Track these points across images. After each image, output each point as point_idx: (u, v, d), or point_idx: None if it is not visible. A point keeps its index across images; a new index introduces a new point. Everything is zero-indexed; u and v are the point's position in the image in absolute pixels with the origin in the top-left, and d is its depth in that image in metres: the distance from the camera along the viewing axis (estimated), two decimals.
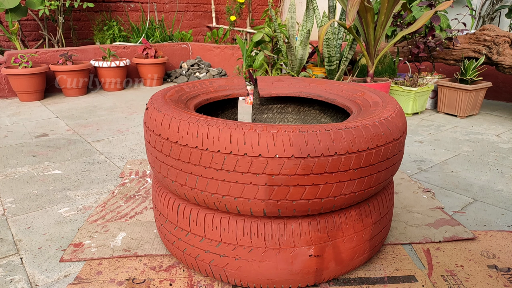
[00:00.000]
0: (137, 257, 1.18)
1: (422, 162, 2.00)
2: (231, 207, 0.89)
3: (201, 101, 1.26)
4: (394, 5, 2.41)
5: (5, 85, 3.50)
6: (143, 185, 1.68)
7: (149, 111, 1.01)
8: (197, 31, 5.52)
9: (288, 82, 1.52)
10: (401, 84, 2.97)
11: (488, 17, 3.65)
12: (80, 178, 1.78)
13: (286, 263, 0.94)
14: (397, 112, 1.02)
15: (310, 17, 3.20)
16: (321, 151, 0.82)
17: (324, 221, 0.94)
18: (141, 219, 1.40)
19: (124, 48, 4.18)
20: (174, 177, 0.93)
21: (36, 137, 2.39)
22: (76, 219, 1.42)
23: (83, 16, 4.58)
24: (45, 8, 3.65)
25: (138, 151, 2.14)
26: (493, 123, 2.76)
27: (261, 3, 5.90)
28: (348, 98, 1.29)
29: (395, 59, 3.23)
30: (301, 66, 3.29)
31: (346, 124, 0.88)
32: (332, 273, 1.01)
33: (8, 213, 1.47)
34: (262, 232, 0.92)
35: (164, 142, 0.92)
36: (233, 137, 0.83)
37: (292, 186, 0.84)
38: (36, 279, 1.09)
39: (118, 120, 2.79)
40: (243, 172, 0.83)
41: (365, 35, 2.59)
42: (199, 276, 1.08)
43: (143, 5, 4.97)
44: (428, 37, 2.97)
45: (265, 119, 1.64)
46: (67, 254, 1.19)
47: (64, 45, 4.17)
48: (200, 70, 4.42)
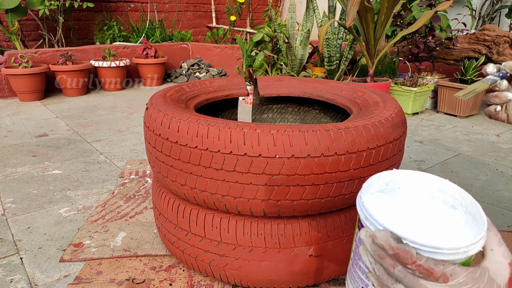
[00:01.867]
0: (137, 257, 1.18)
1: (422, 162, 2.00)
2: (231, 207, 0.89)
3: (201, 101, 1.26)
4: (394, 5, 2.41)
5: (5, 85, 3.50)
6: (143, 185, 1.68)
7: (149, 111, 1.01)
8: (197, 31, 5.52)
9: (288, 82, 1.52)
10: (401, 84, 2.97)
11: (488, 17, 3.65)
12: (80, 178, 1.78)
13: (286, 263, 0.94)
14: (397, 112, 1.02)
15: (310, 17, 3.20)
16: (321, 151, 0.82)
17: (324, 221, 0.94)
18: (141, 219, 1.40)
19: (124, 48, 4.18)
20: (174, 177, 0.93)
21: (36, 137, 2.39)
22: (76, 219, 1.42)
23: (83, 16, 4.58)
24: (45, 8, 3.65)
25: (138, 151, 2.14)
26: (493, 123, 2.76)
27: (261, 3, 5.90)
28: (348, 98, 1.29)
29: (395, 59, 3.23)
30: (301, 66, 3.29)
31: (346, 124, 0.88)
32: (332, 273, 1.01)
33: (8, 213, 1.46)
34: (262, 232, 0.92)
35: (164, 142, 0.92)
36: (233, 137, 0.83)
37: (292, 186, 0.84)
38: (36, 279, 1.09)
39: (118, 120, 2.79)
40: (243, 172, 0.83)
41: (365, 35, 2.59)
42: (199, 276, 1.08)
43: (143, 5, 4.97)
44: (428, 37, 2.97)
45: (265, 119, 1.64)
46: (67, 254, 1.19)
47: (64, 45, 4.17)
48: (200, 70, 4.42)
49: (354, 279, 0.55)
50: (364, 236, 0.46)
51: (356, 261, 0.53)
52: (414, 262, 0.42)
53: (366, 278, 0.51)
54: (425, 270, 0.42)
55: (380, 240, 0.44)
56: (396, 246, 0.43)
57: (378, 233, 0.44)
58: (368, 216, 0.48)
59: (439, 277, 0.42)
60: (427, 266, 0.42)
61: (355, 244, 0.53)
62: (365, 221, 0.48)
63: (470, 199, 0.52)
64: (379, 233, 0.44)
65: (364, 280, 0.52)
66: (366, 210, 0.48)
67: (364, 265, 0.51)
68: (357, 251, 0.52)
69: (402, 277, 0.43)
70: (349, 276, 0.57)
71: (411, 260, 0.42)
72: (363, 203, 0.49)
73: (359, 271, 0.52)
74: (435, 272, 0.42)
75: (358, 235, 0.52)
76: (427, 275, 0.42)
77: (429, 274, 0.42)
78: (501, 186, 1.71)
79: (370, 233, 0.46)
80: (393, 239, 0.43)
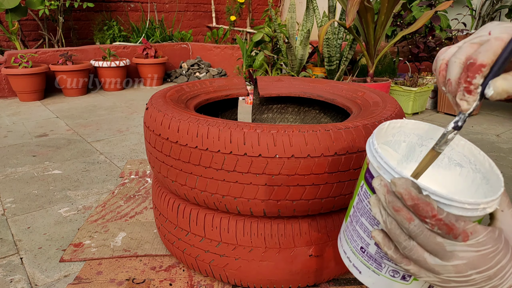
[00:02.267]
0: (137, 257, 1.18)
1: None
2: (231, 207, 0.89)
3: (201, 101, 1.26)
4: (394, 5, 2.41)
5: (5, 85, 3.50)
6: (143, 185, 1.68)
7: (149, 111, 1.01)
8: (197, 31, 5.52)
9: (288, 82, 1.52)
10: (401, 84, 2.97)
11: (488, 17, 3.65)
12: (80, 178, 1.78)
13: (286, 263, 0.94)
14: (397, 112, 1.02)
15: (310, 17, 3.20)
16: (321, 151, 0.82)
17: (324, 221, 0.94)
18: (141, 219, 1.40)
19: (124, 48, 4.18)
20: (174, 177, 0.93)
21: (36, 137, 2.39)
22: (76, 219, 1.42)
23: (83, 16, 4.58)
24: (45, 8, 3.65)
25: (138, 151, 2.14)
26: (493, 123, 2.76)
27: (261, 3, 5.90)
28: (348, 98, 1.29)
29: (395, 59, 3.23)
30: (301, 66, 3.29)
31: (346, 124, 0.88)
32: (332, 273, 1.01)
33: (8, 213, 1.46)
34: (262, 232, 0.92)
35: (164, 142, 0.92)
36: (233, 137, 0.83)
37: (292, 186, 0.84)
38: (36, 279, 1.09)
39: (118, 120, 2.79)
40: (243, 172, 0.83)
41: (365, 35, 2.59)
42: (199, 276, 1.08)
43: (143, 5, 4.97)
44: (428, 37, 2.97)
45: (265, 119, 1.64)
46: (67, 254, 1.19)
47: (64, 45, 4.17)
48: (200, 70, 4.42)
49: (351, 239, 0.50)
50: (378, 185, 0.42)
51: (357, 218, 0.48)
52: (434, 215, 0.38)
53: (368, 236, 0.47)
54: (445, 225, 0.38)
55: (400, 188, 0.39)
56: (417, 196, 0.39)
57: (398, 180, 0.40)
58: (383, 163, 0.43)
59: (459, 234, 0.38)
60: (448, 221, 0.38)
61: (358, 198, 0.49)
62: (379, 170, 0.43)
63: (482, 155, 0.48)
64: (399, 181, 0.40)
65: (365, 239, 0.47)
66: (381, 156, 0.43)
67: (368, 221, 0.46)
68: (360, 205, 0.48)
69: (418, 233, 0.39)
70: (345, 235, 0.52)
71: (431, 213, 0.38)
72: (377, 150, 0.44)
73: (360, 229, 0.48)
74: (455, 228, 0.38)
75: (364, 187, 0.47)
76: (447, 231, 0.38)
77: (448, 231, 0.38)
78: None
79: (385, 182, 0.42)
80: (414, 188, 0.39)
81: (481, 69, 0.40)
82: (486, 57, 0.40)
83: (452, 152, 0.51)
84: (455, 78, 0.43)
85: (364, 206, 0.47)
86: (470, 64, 0.41)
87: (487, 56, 0.40)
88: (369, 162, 0.46)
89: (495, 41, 0.40)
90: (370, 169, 0.46)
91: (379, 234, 0.43)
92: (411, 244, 0.40)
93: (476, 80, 0.41)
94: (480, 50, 0.41)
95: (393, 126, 0.52)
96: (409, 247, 0.41)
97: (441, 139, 0.45)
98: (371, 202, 0.43)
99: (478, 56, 0.41)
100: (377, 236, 0.43)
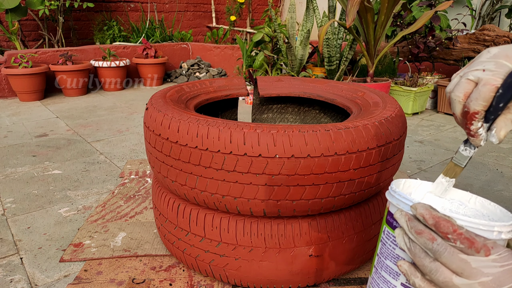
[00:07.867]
0: (137, 257, 1.18)
1: (422, 162, 2.00)
2: (231, 207, 0.89)
3: (201, 101, 1.26)
4: (394, 5, 2.41)
5: (5, 85, 3.50)
6: (143, 185, 1.68)
7: (149, 111, 1.01)
8: (197, 31, 5.52)
9: (288, 82, 1.52)
10: (401, 84, 2.97)
11: (488, 17, 3.65)
12: (80, 178, 1.78)
13: (286, 263, 0.94)
14: (397, 112, 1.02)
15: (310, 17, 3.20)
16: (321, 151, 0.82)
17: (324, 221, 0.94)
18: (141, 219, 1.40)
19: (124, 48, 4.18)
20: (174, 177, 0.93)
21: (36, 137, 2.39)
22: (76, 219, 1.42)
23: (83, 16, 4.58)
24: (45, 8, 3.65)
25: (138, 151, 2.14)
26: None
27: (261, 3, 5.90)
28: (348, 98, 1.29)
29: (395, 59, 3.23)
30: (301, 66, 3.29)
31: (346, 124, 0.88)
32: (332, 273, 1.01)
33: (8, 213, 1.46)
34: (262, 232, 0.92)
35: (164, 142, 0.92)
36: (233, 137, 0.83)
37: (292, 186, 0.84)
38: (36, 279, 1.09)
39: (118, 120, 2.79)
40: (243, 172, 0.83)
41: (365, 35, 2.59)
42: (199, 276, 1.08)
43: (143, 5, 4.97)
44: (428, 37, 2.97)
45: (265, 119, 1.64)
46: (67, 254, 1.19)
47: (64, 45, 4.17)
48: (200, 70, 4.42)
49: (377, 287, 0.52)
50: (399, 215, 0.45)
51: (381, 263, 0.51)
52: (455, 230, 0.40)
53: (394, 278, 0.49)
54: (466, 239, 0.40)
55: (420, 209, 0.43)
56: (437, 214, 0.42)
57: (418, 204, 0.44)
58: (402, 198, 0.47)
59: (480, 248, 0.40)
60: (468, 236, 0.40)
61: (381, 243, 0.52)
62: (398, 206, 0.48)
63: (492, 205, 0.53)
64: (418, 205, 0.44)
65: (390, 282, 0.49)
66: (399, 193, 0.48)
67: (392, 262, 0.49)
68: (384, 249, 0.51)
69: (442, 251, 0.41)
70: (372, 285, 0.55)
71: (452, 228, 0.41)
72: (395, 190, 0.49)
73: (385, 273, 0.50)
74: (476, 242, 0.40)
75: (386, 230, 0.50)
76: (468, 245, 0.40)
77: (470, 244, 0.40)
78: (501, 186, 1.71)
79: (405, 212, 0.45)
80: (433, 209, 0.43)
81: (475, 116, 0.46)
82: (476, 105, 0.46)
83: (466, 209, 0.54)
84: (458, 115, 0.49)
85: (387, 247, 0.50)
86: (465, 112, 0.47)
87: (478, 104, 0.46)
88: (389, 205, 0.50)
89: (483, 87, 0.45)
90: (390, 210, 0.50)
91: (405, 263, 0.46)
92: (436, 265, 0.42)
93: (474, 126, 0.47)
94: (471, 98, 0.47)
95: (409, 185, 0.57)
96: (435, 268, 0.42)
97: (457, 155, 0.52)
98: (396, 234, 0.46)
99: (470, 105, 0.47)
100: (403, 265, 0.46)
